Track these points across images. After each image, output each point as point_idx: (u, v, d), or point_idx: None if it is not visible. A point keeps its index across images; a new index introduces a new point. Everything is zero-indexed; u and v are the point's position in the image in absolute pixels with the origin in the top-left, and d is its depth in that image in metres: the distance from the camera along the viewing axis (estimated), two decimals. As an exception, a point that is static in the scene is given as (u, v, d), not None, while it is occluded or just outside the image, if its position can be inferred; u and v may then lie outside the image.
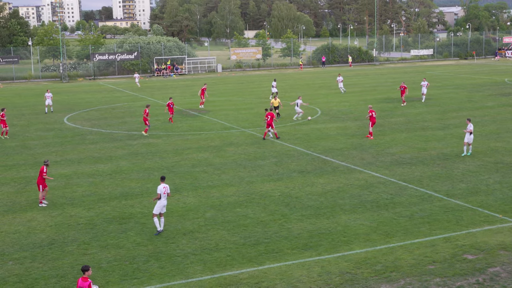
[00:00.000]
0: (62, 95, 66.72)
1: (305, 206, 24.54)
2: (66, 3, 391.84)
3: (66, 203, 25.63)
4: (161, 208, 21.51)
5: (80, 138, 40.35)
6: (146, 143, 38.07)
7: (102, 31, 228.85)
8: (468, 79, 74.64)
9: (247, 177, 29.31)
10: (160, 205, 21.43)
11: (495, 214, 23.06)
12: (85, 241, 21.09)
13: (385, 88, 67.08)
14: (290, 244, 20.38)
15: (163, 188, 21.46)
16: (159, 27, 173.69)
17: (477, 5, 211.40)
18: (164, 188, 21.47)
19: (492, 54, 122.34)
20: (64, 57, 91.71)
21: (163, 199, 21.46)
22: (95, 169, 31.59)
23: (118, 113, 52.16)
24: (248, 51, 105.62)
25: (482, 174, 28.88)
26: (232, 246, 20.37)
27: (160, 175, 29.91)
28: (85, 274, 14.66)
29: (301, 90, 65.13)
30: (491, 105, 51.36)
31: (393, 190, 26.59)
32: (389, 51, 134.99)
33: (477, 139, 36.97)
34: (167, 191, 21.63)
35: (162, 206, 21.52)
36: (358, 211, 23.79)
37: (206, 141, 38.37)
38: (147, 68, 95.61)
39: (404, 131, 40.05)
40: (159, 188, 21.45)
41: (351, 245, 20.22)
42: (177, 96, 63.64)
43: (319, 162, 32.16)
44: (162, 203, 21.45)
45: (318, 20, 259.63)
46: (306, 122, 44.50)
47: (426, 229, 21.54)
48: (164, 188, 21.49)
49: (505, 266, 18.29)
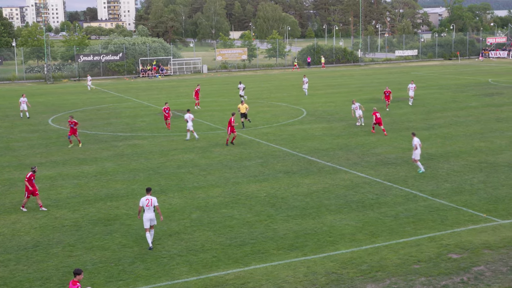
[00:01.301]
0: (46, 96, 66.32)
1: (291, 206, 24.57)
2: (51, 4, 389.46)
3: (51, 205, 25.48)
4: (148, 221, 20.22)
5: (65, 140, 40.08)
6: (132, 144, 37.94)
7: (87, 32, 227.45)
8: (452, 80, 75.11)
9: (233, 178, 29.30)
10: (146, 218, 20.17)
11: (479, 214, 23.22)
12: (70, 243, 20.97)
13: (371, 88, 67.31)
14: (276, 245, 20.39)
15: (146, 201, 20.17)
16: (144, 28, 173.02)
17: (461, 6, 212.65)
18: (147, 200, 20.17)
19: (476, 55, 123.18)
20: (49, 58, 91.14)
21: (147, 212, 20.16)
22: (80, 171, 31.43)
23: (103, 114, 51.94)
24: (233, 52, 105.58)
25: (466, 174, 29.08)
26: (218, 247, 20.36)
27: (145, 176, 29.90)
28: (76, 277, 14.58)
29: (287, 91, 65.28)
30: (475, 105, 51.72)
31: (378, 190, 26.70)
32: (374, 51, 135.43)
33: (462, 139, 37.25)
34: (151, 203, 20.22)
35: (148, 220, 20.19)
36: (344, 211, 23.85)
37: (192, 142, 38.30)
38: (132, 69, 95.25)
39: (389, 132, 40.21)
40: (141, 200, 20.28)
41: (337, 245, 20.27)
42: (163, 97, 63.48)
43: (305, 162, 32.22)
44: (146, 217, 20.16)
45: (304, 21, 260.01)
46: (291, 123, 44.56)
47: (411, 229, 21.65)
48: (147, 201, 20.17)
49: (489, 265, 18.42)
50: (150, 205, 20.20)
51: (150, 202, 20.19)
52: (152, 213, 20.25)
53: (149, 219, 20.23)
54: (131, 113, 51.82)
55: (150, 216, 20.23)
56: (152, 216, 20.26)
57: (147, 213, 20.19)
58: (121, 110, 54.39)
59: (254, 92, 66.12)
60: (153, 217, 20.32)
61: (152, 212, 20.27)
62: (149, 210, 20.21)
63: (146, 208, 20.18)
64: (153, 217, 20.30)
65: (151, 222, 20.35)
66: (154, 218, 20.36)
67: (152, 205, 20.22)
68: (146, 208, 20.18)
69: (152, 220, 20.34)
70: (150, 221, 20.30)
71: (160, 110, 52.92)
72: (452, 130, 40.54)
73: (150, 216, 20.23)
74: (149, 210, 20.20)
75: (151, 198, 20.29)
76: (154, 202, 20.28)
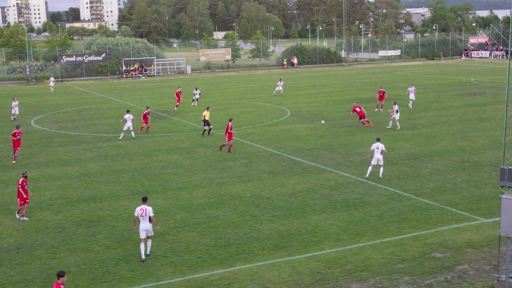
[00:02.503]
0: (29, 98, 65.81)
1: (275, 206, 24.59)
2: (33, 4, 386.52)
3: (34, 206, 25.28)
4: (144, 231, 19.39)
5: (48, 141, 39.84)
6: (115, 145, 37.76)
7: (70, 32, 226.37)
8: (435, 79, 75.57)
9: (218, 178, 29.27)
10: (141, 229, 19.33)
11: (462, 213, 23.39)
12: (53, 245, 20.83)
13: (354, 88, 67.56)
14: (261, 245, 20.40)
15: (140, 210, 19.30)
16: (127, 28, 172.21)
17: (444, 6, 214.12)
18: (141, 210, 19.30)
19: (458, 55, 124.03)
20: (31, 59, 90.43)
21: (142, 223, 19.30)
22: (63, 172, 31.23)
23: (86, 115, 51.64)
24: (217, 52, 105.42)
25: (449, 173, 29.27)
26: (203, 247, 20.32)
27: (129, 177, 29.78)
28: (60, 279, 14.50)
29: (271, 91, 65.23)
30: (457, 105, 52.09)
31: (362, 190, 26.80)
32: (357, 51, 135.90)
33: (445, 138, 37.49)
34: (146, 213, 19.31)
35: (143, 230, 19.34)
36: (328, 211, 23.91)
37: (176, 143, 38.20)
38: (116, 70, 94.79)
39: (372, 131, 40.37)
40: (136, 210, 19.52)
41: (322, 245, 20.32)
42: (146, 98, 63.27)
43: (289, 162, 32.25)
44: (141, 227, 19.32)
45: (287, 21, 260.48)
46: (275, 123, 44.60)
47: (395, 228, 21.76)
48: (142, 210, 19.29)
49: (473, 264, 18.56)
50: (145, 215, 19.30)
51: (144, 212, 19.30)
52: (147, 224, 19.39)
53: (144, 230, 19.39)
54: (115, 114, 51.57)
55: (145, 227, 19.38)
56: (147, 226, 19.41)
57: (142, 223, 19.34)
58: (105, 110, 54.12)
59: (238, 92, 66.09)
60: (149, 227, 19.48)
61: (148, 222, 19.39)
62: (144, 220, 19.34)
63: (140, 218, 19.33)
64: (148, 227, 19.46)
65: (147, 233, 19.55)
66: (150, 229, 19.54)
67: (147, 215, 19.32)
68: (140, 218, 19.33)
69: (148, 231, 19.52)
70: (146, 232, 19.48)
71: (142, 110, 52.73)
72: (435, 129, 40.80)
73: (145, 226, 19.37)
74: (144, 220, 19.33)
75: (146, 208, 19.38)
76: (149, 213, 19.35)
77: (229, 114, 49.04)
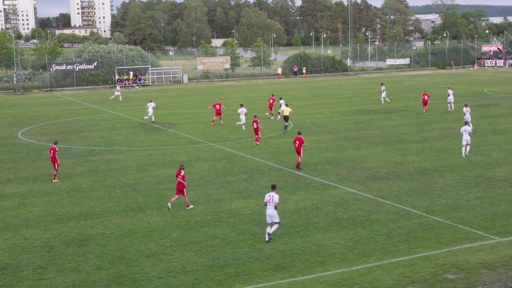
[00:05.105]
0: (16, 108, 65.95)
1: (277, 224, 24.52)
2: (21, 9, 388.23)
3: (21, 224, 25.23)
4: (269, 217, 22.46)
5: (36, 154, 39.85)
6: (107, 159, 37.77)
7: (60, 39, 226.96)
8: (446, 90, 75.56)
9: (216, 194, 29.23)
10: (267, 213, 22.54)
11: (476, 231, 23.32)
12: (41, 265, 20.76)
13: (361, 99, 67.68)
14: (262, 266, 20.33)
15: (268, 197, 22.47)
16: (120, 35, 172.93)
17: (455, 12, 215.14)
18: (269, 196, 22.42)
19: (471, 63, 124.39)
20: (18, 67, 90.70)
21: (268, 208, 22.45)
22: (52, 187, 31.21)
23: (76, 127, 51.71)
24: (215, 61, 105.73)
25: (462, 189, 29.23)
26: (200, 268, 20.26)
27: (122, 192, 29.74)
28: None
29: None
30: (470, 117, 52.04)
31: (369, 206, 26.75)
32: (363, 60, 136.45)
33: (457, 152, 37.46)
34: (272, 200, 22.34)
35: (268, 215, 22.47)
36: (333, 229, 23.86)
37: (172, 156, 38.21)
38: (108, 79, 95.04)
39: (380, 145, 40.39)
40: (265, 196, 22.64)
41: (326, 265, 20.24)
42: (140, 109, 63.36)
43: (292, 177, 32.23)
44: (267, 212, 22.53)
45: (290, 28, 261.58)
46: (277, 136, 44.63)
47: (404, 248, 21.68)
48: (269, 197, 22.40)
49: (487, 286, 18.48)
50: (271, 201, 22.31)
51: (271, 199, 22.33)
52: (273, 210, 22.30)
53: (269, 215, 22.42)
54: (107, 126, 51.63)
55: (270, 212, 22.37)
56: (271, 212, 22.34)
57: (268, 208, 22.44)
58: (96, 122, 54.17)
59: (237, 103, 66.07)
60: (273, 213, 22.34)
61: (273, 209, 22.28)
62: (270, 206, 22.35)
63: (268, 204, 22.43)
64: (272, 213, 22.35)
65: (272, 218, 22.45)
66: (273, 215, 22.37)
67: (272, 202, 22.29)
68: (268, 204, 22.42)
69: (272, 217, 22.40)
70: (270, 217, 22.42)
71: (137, 122, 52.83)
72: (447, 142, 40.80)
73: (270, 212, 22.37)
74: (270, 206, 22.36)
75: (273, 195, 22.40)
76: (275, 200, 22.34)
77: (227, 127, 49.11)
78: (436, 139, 42.11)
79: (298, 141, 33.05)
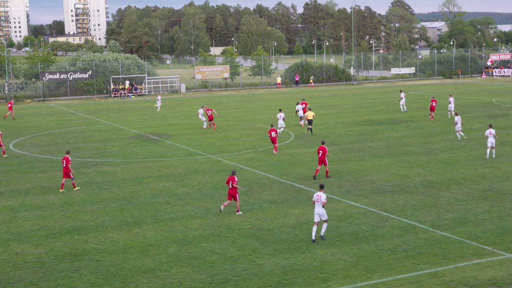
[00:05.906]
0: (7, 118, 66.00)
1: (278, 239, 24.52)
2: (13, 16, 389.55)
3: (12, 239, 25.22)
4: (317, 215, 23.96)
5: (28, 166, 39.87)
6: (102, 171, 37.78)
7: (53, 47, 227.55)
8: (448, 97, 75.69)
9: (214, 208, 29.22)
10: (315, 212, 24.02)
11: (484, 247, 23.30)
12: (32, 282, 20.73)
13: (364, 109, 67.76)
14: (262, 282, 20.31)
15: (316, 196, 23.97)
16: (116, 43, 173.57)
17: (462, 19, 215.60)
18: (317, 196, 23.92)
19: (478, 73, 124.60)
20: (10, 76, 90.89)
21: (316, 207, 23.88)
22: (45, 201, 31.20)
23: (70, 138, 51.75)
24: (214, 70, 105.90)
25: (469, 203, 29.22)
26: (198, 285, 20.23)
27: (117, 206, 29.74)
28: None
29: (275, 112, 65.33)
30: (478, 128, 52.12)
31: (374, 221, 26.74)
32: (368, 69, 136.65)
33: (464, 164, 37.49)
34: (320, 199, 23.76)
35: (316, 214, 23.96)
36: (336, 244, 23.85)
37: (169, 169, 38.23)
38: (103, 88, 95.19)
39: (385, 157, 40.42)
40: (314, 195, 24.25)
41: (329, 282, 20.22)
42: (136, 119, 63.45)
43: (293, 191, 32.23)
44: (315, 211, 24.00)
45: (291, 35, 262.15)
46: (278, 147, 44.61)
47: (410, 264, 21.66)
48: (317, 196, 23.88)
49: (496, 304, 18.45)
50: (319, 200, 23.76)
51: (319, 198, 23.81)
52: (321, 209, 23.75)
53: (317, 213, 23.90)
54: (102, 137, 51.69)
55: (318, 211, 23.84)
56: (319, 211, 23.82)
57: (316, 207, 23.88)
58: (90, 133, 54.23)
59: (237, 113, 66.31)
60: (321, 212, 23.81)
61: (321, 208, 23.73)
62: (318, 205, 23.81)
63: (316, 204, 23.89)
64: (321, 212, 23.81)
65: (320, 217, 23.94)
66: (322, 213, 23.85)
67: (320, 201, 23.74)
68: (316, 203, 23.88)
69: (321, 215, 23.88)
70: (319, 216, 23.92)
71: (133, 133, 52.87)
72: (454, 155, 40.83)
73: (318, 210, 23.83)
74: (318, 205, 23.80)
75: (321, 194, 23.89)
76: (323, 199, 23.77)
77: (226, 138, 49.15)
78: (442, 151, 42.13)
79: (321, 151, 33.97)
